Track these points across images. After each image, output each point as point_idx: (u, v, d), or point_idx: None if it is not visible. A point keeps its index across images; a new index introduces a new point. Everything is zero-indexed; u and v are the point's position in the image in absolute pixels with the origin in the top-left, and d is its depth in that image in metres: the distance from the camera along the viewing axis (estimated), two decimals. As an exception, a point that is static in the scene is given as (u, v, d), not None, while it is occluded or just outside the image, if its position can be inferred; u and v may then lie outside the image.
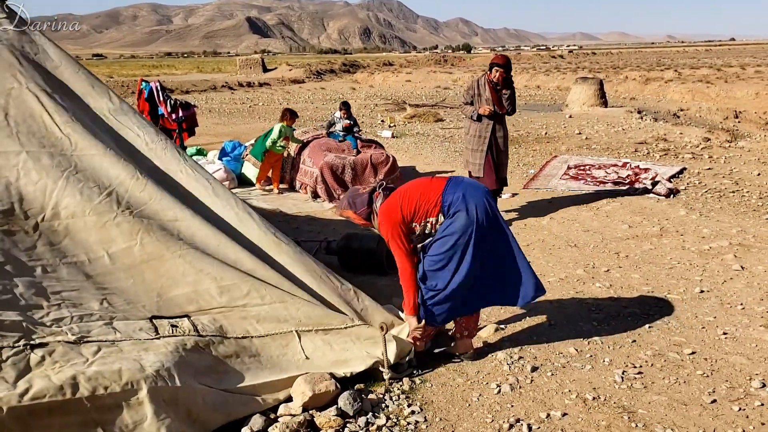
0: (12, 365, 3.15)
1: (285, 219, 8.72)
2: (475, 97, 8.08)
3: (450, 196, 4.17)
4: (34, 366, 3.20)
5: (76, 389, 3.11)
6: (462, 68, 55.45)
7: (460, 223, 4.11)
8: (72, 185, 4.44)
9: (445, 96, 32.38)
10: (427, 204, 4.21)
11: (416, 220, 4.24)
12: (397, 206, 4.25)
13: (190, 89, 36.38)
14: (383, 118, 21.41)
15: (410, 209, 4.22)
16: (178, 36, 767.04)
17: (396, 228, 4.25)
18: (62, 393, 3.07)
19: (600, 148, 13.82)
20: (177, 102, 11.47)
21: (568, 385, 4.17)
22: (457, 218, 4.13)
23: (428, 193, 4.24)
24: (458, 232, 4.11)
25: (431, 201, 4.21)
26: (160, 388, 3.34)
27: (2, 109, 4.65)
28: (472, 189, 4.23)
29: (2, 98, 4.72)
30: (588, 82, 22.63)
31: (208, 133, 17.04)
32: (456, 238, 4.12)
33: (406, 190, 4.34)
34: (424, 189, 4.27)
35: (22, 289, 3.73)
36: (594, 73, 37.05)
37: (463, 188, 4.21)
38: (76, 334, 3.50)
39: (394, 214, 4.25)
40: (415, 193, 4.27)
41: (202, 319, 4.06)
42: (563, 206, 9.04)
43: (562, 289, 5.88)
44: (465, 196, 4.15)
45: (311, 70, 53.66)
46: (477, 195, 4.18)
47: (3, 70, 4.92)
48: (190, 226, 4.62)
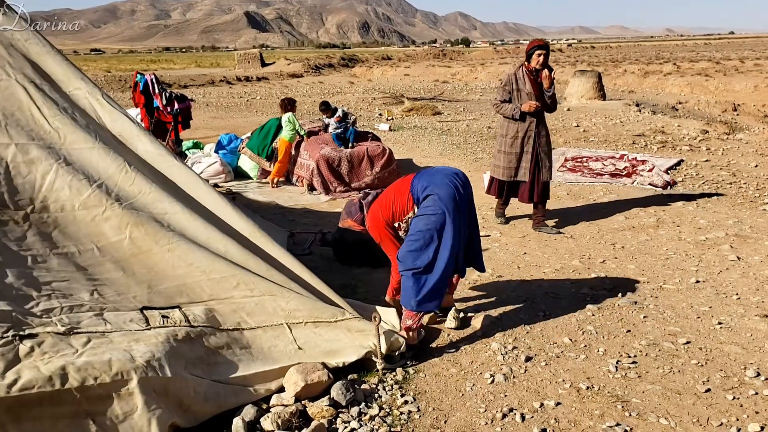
0: (1, 356, 3.12)
1: (281, 211, 8.69)
2: (513, 93, 7.28)
3: (416, 187, 4.42)
4: (23, 357, 3.17)
5: (65, 380, 3.09)
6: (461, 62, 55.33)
7: (430, 206, 4.27)
8: (61, 178, 4.42)
9: (444, 90, 32.32)
10: (401, 203, 4.50)
11: (397, 219, 4.55)
12: (378, 212, 4.64)
13: (189, 84, 36.30)
14: (381, 112, 21.37)
15: (388, 212, 4.57)
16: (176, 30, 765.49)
17: (382, 231, 4.64)
18: (51, 384, 3.05)
19: (598, 141, 13.80)
20: (172, 94, 11.42)
21: (562, 374, 4.16)
22: (427, 203, 4.31)
23: (400, 192, 4.54)
24: (430, 213, 4.26)
25: (404, 198, 4.49)
26: (151, 378, 3.32)
27: None
28: (436, 173, 4.47)
29: (-9, 91, 4.69)
30: (586, 75, 22.58)
31: (205, 127, 17.01)
32: (429, 220, 4.25)
33: (382, 196, 4.72)
34: (396, 190, 4.59)
35: (12, 278, 3.71)
36: (593, 66, 36.99)
37: (428, 176, 4.46)
38: (66, 325, 3.47)
39: (376, 219, 4.65)
40: (389, 196, 4.61)
41: (193, 310, 4.04)
42: (560, 198, 9.01)
43: (558, 280, 5.86)
44: (430, 182, 4.37)
45: (309, 65, 53.53)
46: (441, 178, 4.38)
47: (-10, 62, 4.89)
48: (180, 220, 4.61)
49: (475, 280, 5.89)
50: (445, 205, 4.23)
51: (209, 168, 10.70)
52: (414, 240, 4.28)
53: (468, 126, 17.16)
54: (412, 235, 4.32)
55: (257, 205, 8.75)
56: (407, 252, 4.31)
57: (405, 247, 4.34)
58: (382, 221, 4.59)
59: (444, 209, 4.22)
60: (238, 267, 4.38)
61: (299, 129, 10.25)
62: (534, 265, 6.28)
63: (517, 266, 6.25)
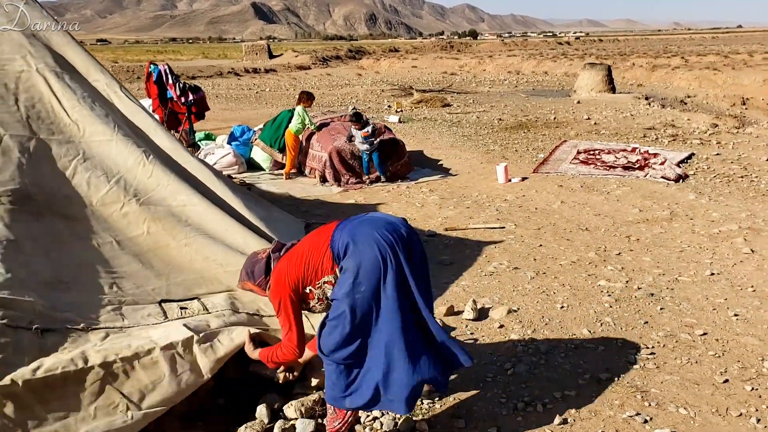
0: (25, 346, 3.18)
1: (294, 203, 8.75)
2: None
3: (337, 242, 3.13)
4: (45, 349, 3.23)
5: (86, 360, 3.14)
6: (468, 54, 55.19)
7: (348, 277, 3.03)
8: (79, 175, 4.50)
9: (452, 81, 32.27)
10: (315, 260, 3.18)
11: (307, 283, 3.19)
12: (284, 270, 3.23)
13: (197, 75, 36.29)
14: (390, 104, 21.36)
15: (299, 271, 3.19)
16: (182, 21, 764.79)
17: (285, 298, 3.21)
18: (74, 364, 3.10)
19: (609, 134, 13.79)
20: (186, 85, 11.46)
21: (581, 365, 4.20)
22: (346, 270, 3.06)
23: (317, 243, 3.22)
24: (347, 289, 3.02)
25: (320, 254, 3.17)
26: (172, 344, 3.37)
27: (12, 94, 4.70)
28: (366, 225, 3.15)
29: (12, 82, 4.76)
30: (596, 69, 22.55)
31: (216, 119, 17.04)
32: (351, 299, 3.02)
33: (295, 248, 3.33)
34: (313, 240, 3.26)
35: (36, 269, 3.77)
36: (601, 59, 36.83)
37: (353, 227, 3.15)
38: (86, 319, 3.53)
39: (280, 281, 3.23)
40: (303, 248, 3.26)
41: (212, 299, 4.09)
42: (574, 190, 9.03)
43: (574, 272, 5.89)
44: (354, 237, 3.09)
45: (317, 57, 53.48)
46: (371, 231, 3.08)
47: (13, 51, 4.96)
48: (199, 212, 4.68)
49: (491, 272, 5.93)
50: (367, 275, 3.00)
51: (222, 159, 10.76)
52: (334, 326, 3.08)
53: (478, 118, 17.15)
54: (333, 318, 3.09)
55: (271, 197, 8.79)
56: (328, 338, 3.12)
57: (326, 330, 3.13)
58: (287, 285, 3.19)
59: (366, 285, 3.01)
60: None
61: (309, 123, 10.27)
62: (550, 257, 6.32)
63: (533, 258, 6.28)
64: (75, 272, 3.98)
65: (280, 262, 3.29)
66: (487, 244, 6.76)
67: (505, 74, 38.08)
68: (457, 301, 5.21)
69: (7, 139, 4.37)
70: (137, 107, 5.38)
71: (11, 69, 4.83)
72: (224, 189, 5.18)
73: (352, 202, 8.86)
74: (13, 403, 2.90)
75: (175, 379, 3.27)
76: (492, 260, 6.25)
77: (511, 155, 11.87)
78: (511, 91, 26.28)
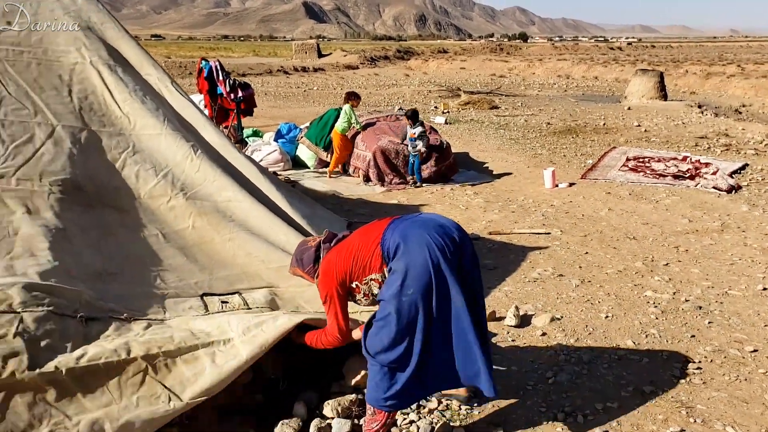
0: (70, 334, 3.24)
1: (337, 201, 8.77)
2: None
3: (388, 242, 3.11)
4: (89, 337, 3.28)
5: (129, 351, 3.18)
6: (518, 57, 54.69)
7: (396, 280, 3.01)
8: (129, 167, 4.59)
9: (501, 84, 32.01)
10: (364, 256, 3.17)
11: (354, 278, 3.20)
12: (333, 262, 3.26)
13: (247, 72, 36.76)
14: (436, 104, 21.30)
15: (346, 266, 3.20)
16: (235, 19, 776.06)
17: (332, 290, 3.25)
18: (117, 354, 3.14)
19: (659, 141, 13.49)
20: (236, 82, 11.61)
21: (625, 377, 4.10)
22: (394, 274, 3.05)
23: (367, 241, 3.20)
24: (396, 291, 3.00)
25: (368, 251, 3.16)
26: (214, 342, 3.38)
27: (66, 85, 4.81)
28: (418, 226, 3.11)
29: (66, 74, 4.87)
30: (648, 75, 22.13)
31: (264, 116, 17.21)
32: (399, 301, 2.99)
33: (346, 241, 3.34)
34: (364, 236, 3.25)
35: (84, 259, 3.84)
36: (653, 66, 36.12)
37: (405, 227, 3.12)
38: (129, 310, 3.58)
39: (329, 273, 3.26)
40: (353, 243, 3.26)
41: (253, 295, 4.11)
42: (622, 198, 8.85)
43: (620, 282, 5.76)
44: (406, 238, 3.06)
45: (365, 56, 53.68)
46: (422, 234, 3.04)
47: (68, 44, 5.07)
48: (244, 208, 4.73)
49: (535, 278, 5.84)
50: (415, 278, 2.97)
51: (268, 156, 10.85)
52: (381, 326, 3.09)
53: (526, 121, 16.97)
54: (379, 319, 3.10)
55: (314, 194, 8.83)
56: (374, 338, 3.13)
57: (373, 331, 3.15)
58: (335, 278, 3.22)
59: (415, 288, 2.98)
60: None
61: (355, 122, 10.28)
62: (596, 265, 6.19)
63: (578, 266, 6.17)
64: (121, 263, 4.05)
65: (330, 254, 3.32)
66: (531, 249, 6.66)
67: (555, 78, 37.61)
68: (499, 307, 5.14)
69: (60, 130, 4.48)
70: (187, 102, 5.46)
71: (66, 61, 4.95)
72: (269, 186, 5.22)
73: (395, 202, 8.83)
74: (55, 389, 2.95)
75: (216, 369, 3.29)
76: (536, 266, 6.16)
77: (558, 160, 11.70)
78: (560, 96, 25.94)
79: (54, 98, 4.67)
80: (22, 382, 2.90)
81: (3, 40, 4.84)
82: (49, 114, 4.53)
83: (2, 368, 2.89)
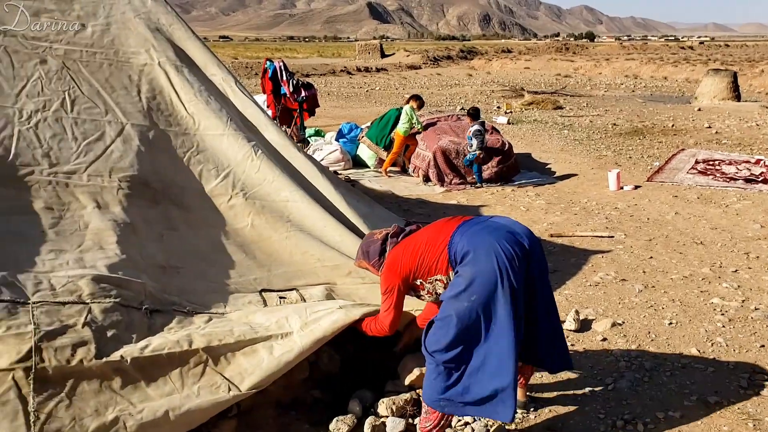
0: (135, 325, 3.34)
1: (396, 201, 8.79)
2: None
3: (456, 246, 3.11)
4: (153, 329, 3.38)
5: (191, 342, 3.27)
6: (584, 56, 53.69)
7: (461, 285, 3.03)
8: (193, 166, 4.74)
9: (566, 84, 31.45)
10: (430, 257, 3.18)
11: (419, 276, 3.23)
12: (399, 257, 3.28)
13: (311, 73, 37.21)
14: (499, 104, 21.09)
15: (412, 264, 3.22)
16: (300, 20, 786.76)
17: (393, 286, 3.29)
18: (179, 345, 3.23)
19: (731, 144, 13.02)
20: (299, 82, 11.76)
21: (688, 386, 3.97)
22: (459, 277, 3.07)
23: (434, 242, 3.20)
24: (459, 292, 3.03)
25: (436, 253, 3.16)
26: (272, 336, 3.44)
27: (135, 85, 4.98)
28: (488, 233, 3.09)
29: (135, 75, 5.05)
30: (720, 75, 21.37)
31: (326, 116, 17.39)
32: (460, 306, 3.01)
33: (413, 237, 3.35)
34: (432, 236, 3.25)
35: (149, 252, 3.96)
36: (727, 65, 34.86)
37: (475, 233, 3.11)
38: (192, 303, 3.67)
39: (394, 269, 3.29)
40: (420, 241, 3.27)
41: (310, 291, 4.16)
42: (690, 202, 8.58)
43: (686, 288, 5.59)
44: (475, 246, 3.05)
45: (428, 56, 53.59)
46: (492, 242, 3.03)
47: (138, 45, 5.25)
48: (301, 208, 4.82)
49: (597, 282, 5.72)
50: (481, 286, 2.99)
51: (330, 155, 10.97)
52: (440, 326, 3.10)
53: (591, 122, 16.63)
54: (440, 319, 3.11)
55: (373, 194, 8.87)
56: (433, 336, 3.14)
57: (432, 329, 3.15)
58: (399, 274, 3.25)
59: (479, 294, 2.99)
60: (349, 258, 4.50)
61: (416, 122, 10.26)
62: (660, 270, 6.02)
63: (642, 270, 6.01)
64: (184, 258, 4.16)
65: (396, 249, 3.34)
66: (593, 253, 6.53)
67: (622, 78, 36.71)
68: (559, 311, 5.03)
69: (129, 128, 4.63)
70: (250, 102, 5.56)
71: (136, 62, 5.11)
72: (328, 185, 5.26)
73: (455, 202, 8.79)
74: (120, 378, 3.05)
75: (274, 360, 3.34)
76: (598, 270, 6.03)
77: (624, 162, 11.43)
78: (627, 96, 25.31)
79: (124, 98, 4.83)
80: (89, 370, 3.02)
81: (78, 41, 5.03)
82: (119, 113, 4.70)
83: (71, 356, 3.02)
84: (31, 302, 3.20)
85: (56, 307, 3.25)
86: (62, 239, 3.80)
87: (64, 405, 2.87)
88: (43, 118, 4.39)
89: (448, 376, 3.12)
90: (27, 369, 2.90)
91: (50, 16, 5.07)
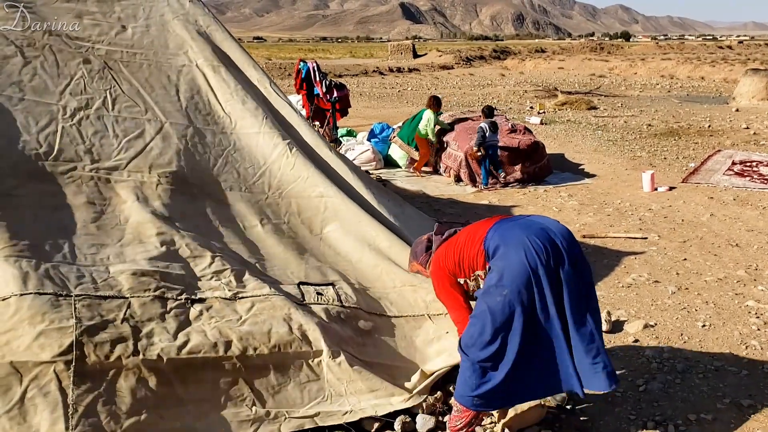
0: (174, 317, 3.44)
1: (427, 200, 8.82)
2: None
3: (490, 241, 3.19)
4: (193, 320, 3.48)
5: (228, 347, 3.36)
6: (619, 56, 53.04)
7: (493, 281, 3.09)
8: (230, 164, 4.87)
9: (600, 84, 31.13)
10: (470, 255, 3.28)
11: (461, 275, 3.32)
12: (442, 257, 3.41)
13: (343, 73, 37.36)
14: (532, 104, 20.97)
15: (454, 261, 3.33)
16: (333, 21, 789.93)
17: (444, 283, 3.39)
18: (215, 350, 3.32)
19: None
20: (332, 83, 11.86)
21: (721, 389, 3.94)
22: (492, 272, 3.14)
23: (473, 238, 3.30)
24: (492, 288, 3.08)
25: (474, 249, 3.26)
26: (304, 353, 3.52)
27: (174, 85, 5.12)
28: (519, 228, 3.17)
29: (174, 75, 5.19)
30: (759, 75, 20.97)
31: (358, 116, 17.47)
32: (493, 301, 3.05)
33: (455, 237, 3.46)
34: (470, 234, 3.35)
35: (189, 240, 4.06)
36: (766, 65, 34.17)
37: (507, 228, 3.20)
38: (233, 289, 3.75)
39: (440, 267, 3.41)
40: (460, 241, 3.37)
41: (345, 289, 4.21)
42: (725, 203, 8.46)
43: (720, 290, 5.53)
44: (505, 239, 3.13)
45: (460, 57, 53.41)
46: (521, 236, 3.09)
47: (177, 47, 5.39)
48: (335, 203, 4.90)
49: (629, 283, 5.69)
50: (510, 279, 3.03)
51: (361, 155, 11.04)
52: (474, 322, 3.16)
53: (626, 122, 16.45)
54: (475, 315, 3.18)
55: (405, 193, 8.91)
56: (467, 332, 3.19)
57: (468, 327, 3.20)
58: (446, 271, 3.37)
59: (510, 288, 3.02)
60: (382, 256, 4.57)
61: (430, 131, 10.31)
62: (694, 272, 5.96)
63: (675, 272, 5.96)
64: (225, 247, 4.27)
65: (440, 249, 3.46)
66: (626, 254, 6.48)
67: (658, 78, 36.17)
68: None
69: (168, 127, 4.76)
70: (284, 102, 5.65)
71: (175, 63, 5.24)
72: (359, 183, 5.32)
73: (486, 203, 8.79)
74: (156, 377, 3.15)
75: (299, 387, 3.43)
76: (631, 271, 6.00)
77: (659, 163, 11.30)
78: (663, 96, 24.97)
79: (163, 97, 4.96)
80: (126, 367, 3.12)
81: (119, 42, 5.17)
82: (159, 112, 4.82)
83: (110, 352, 3.12)
84: (73, 295, 3.31)
85: (97, 301, 3.35)
86: (103, 233, 3.92)
87: (102, 400, 2.98)
88: (85, 116, 4.53)
89: (482, 374, 3.12)
90: (68, 362, 3.01)
91: (92, 18, 5.22)
